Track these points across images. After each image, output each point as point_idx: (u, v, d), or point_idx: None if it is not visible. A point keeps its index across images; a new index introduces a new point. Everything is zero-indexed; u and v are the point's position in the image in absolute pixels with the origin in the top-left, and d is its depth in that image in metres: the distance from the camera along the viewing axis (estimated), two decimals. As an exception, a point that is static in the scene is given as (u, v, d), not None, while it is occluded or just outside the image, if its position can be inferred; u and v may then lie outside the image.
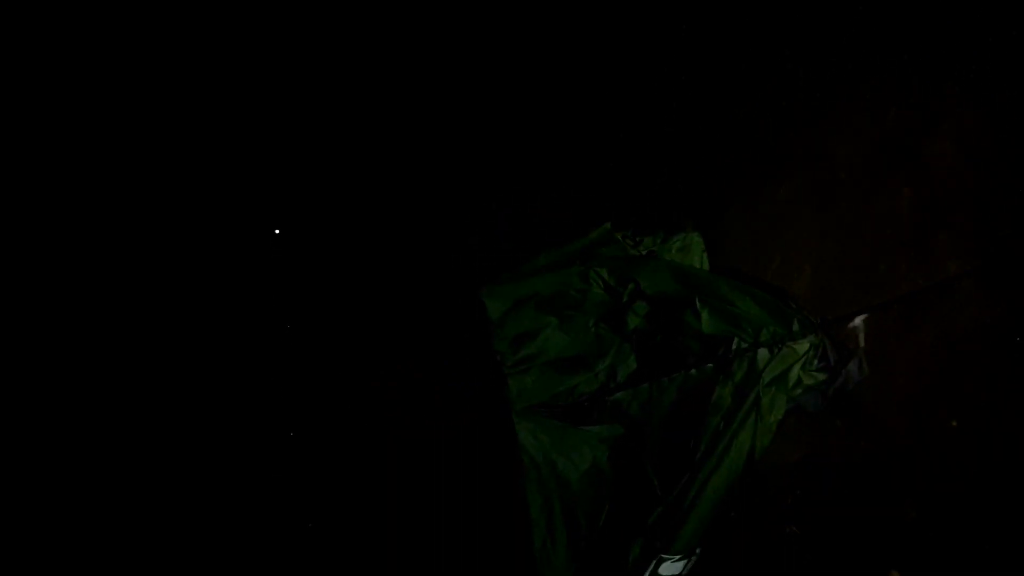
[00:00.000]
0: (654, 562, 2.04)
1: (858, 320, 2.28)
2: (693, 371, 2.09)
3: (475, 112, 2.95)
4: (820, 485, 2.26)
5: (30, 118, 2.78)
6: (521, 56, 2.92)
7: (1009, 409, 2.11)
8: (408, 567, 2.55)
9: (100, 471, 2.57)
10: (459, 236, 2.87)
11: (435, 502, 2.56)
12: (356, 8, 2.94)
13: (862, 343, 2.27)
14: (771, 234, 2.56)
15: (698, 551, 2.03)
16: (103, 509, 2.54)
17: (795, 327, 2.10)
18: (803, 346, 2.10)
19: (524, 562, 2.22)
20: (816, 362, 2.15)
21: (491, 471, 2.44)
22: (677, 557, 2.00)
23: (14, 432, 2.56)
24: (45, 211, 2.75)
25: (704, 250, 2.47)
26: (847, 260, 2.41)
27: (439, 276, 2.79)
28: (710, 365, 2.08)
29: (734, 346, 2.07)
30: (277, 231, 2.87)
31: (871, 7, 2.50)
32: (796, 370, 2.12)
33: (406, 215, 2.92)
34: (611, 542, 2.13)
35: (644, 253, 2.39)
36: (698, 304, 2.10)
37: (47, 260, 2.73)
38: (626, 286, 2.22)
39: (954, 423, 2.15)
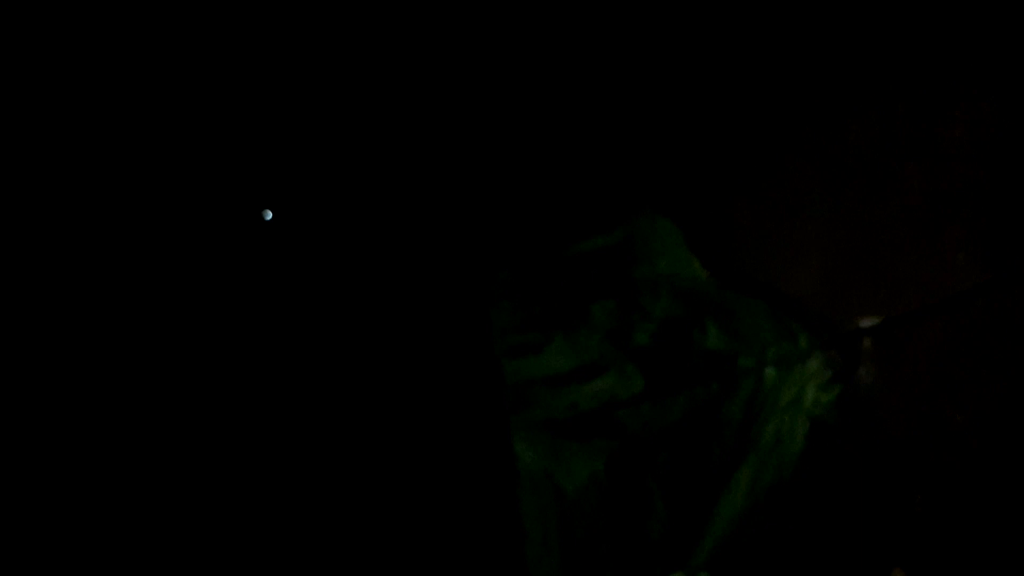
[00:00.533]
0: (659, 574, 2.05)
1: (866, 321, 2.24)
2: (698, 389, 2.08)
3: (475, 110, 2.89)
4: (823, 481, 2.23)
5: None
6: (521, 52, 2.84)
7: (1017, 402, 2.11)
8: (409, 565, 2.55)
9: (85, 471, 2.54)
10: (460, 236, 2.82)
11: (434, 500, 2.56)
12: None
13: (869, 344, 2.25)
14: (777, 227, 2.50)
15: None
16: (92, 511, 2.52)
17: (802, 343, 2.07)
18: (813, 364, 2.07)
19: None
20: (829, 374, 2.13)
21: (491, 472, 2.43)
22: (682, 575, 2.00)
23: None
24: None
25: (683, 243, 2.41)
26: (855, 254, 2.34)
27: (439, 274, 2.75)
28: (715, 384, 2.06)
29: (740, 363, 2.05)
30: (269, 213, 2.79)
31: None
32: (811, 390, 2.10)
33: (406, 211, 2.86)
34: (611, 556, 2.14)
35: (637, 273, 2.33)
36: (706, 321, 2.07)
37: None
38: (630, 315, 2.20)
39: (959, 417, 2.14)
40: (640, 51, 2.77)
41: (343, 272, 2.78)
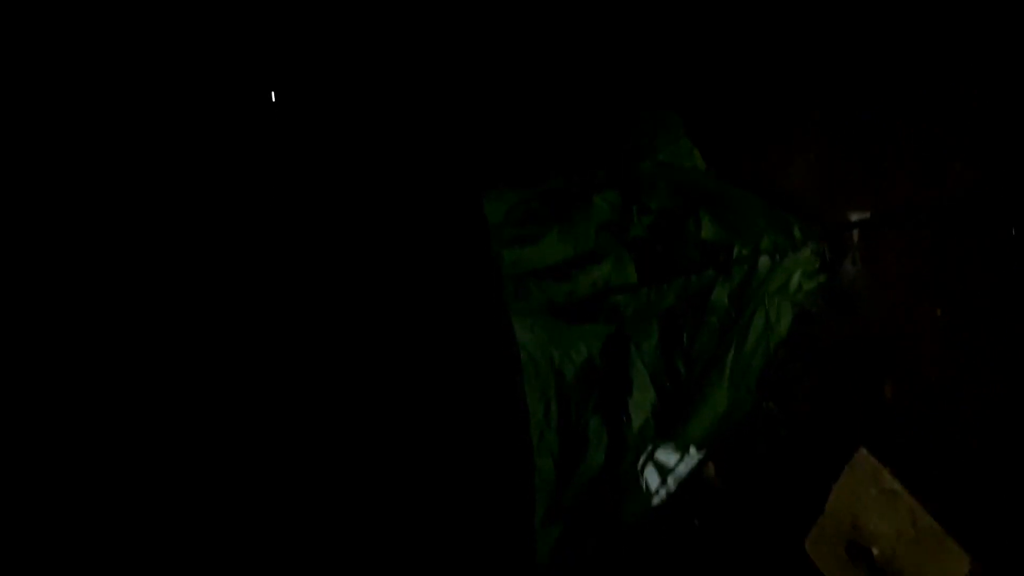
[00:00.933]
0: (650, 446, 2.15)
1: (855, 215, 2.26)
2: (693, 277, 2.13)
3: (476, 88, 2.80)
4: (800, 365, 2.32)
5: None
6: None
7: (993, 298, 2.15)
8: (424, 445, 2.58)
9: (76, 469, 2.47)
10: (460, 169, 2.76)
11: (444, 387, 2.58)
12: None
13: (856, 239, 2.29)
14: (776, 124, 2.49)
15: (693, 451, 2.13)
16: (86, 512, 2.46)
17: (796, 234, 2.12)
18: (805, 254, 2.12)
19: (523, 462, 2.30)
20: (817, 263, 2.17)
21: (491, 369, 2.46)
22: (672, 447, 2.10)
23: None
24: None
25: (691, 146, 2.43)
26: (848, 154, 2.35)
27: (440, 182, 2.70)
28: (710, 271, 2.12)
29: (735, 253, 2.10)
30: (273, 94, 2.69)
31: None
32: (797, 277, 2.14)
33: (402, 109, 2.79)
34: (605, 431, 2.23)
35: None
36: (700, 212, 2.10)
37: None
38: (629, 207, 2.22)
39: (939, 311, 2.19)
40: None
41: (346, 174, 2.72)
